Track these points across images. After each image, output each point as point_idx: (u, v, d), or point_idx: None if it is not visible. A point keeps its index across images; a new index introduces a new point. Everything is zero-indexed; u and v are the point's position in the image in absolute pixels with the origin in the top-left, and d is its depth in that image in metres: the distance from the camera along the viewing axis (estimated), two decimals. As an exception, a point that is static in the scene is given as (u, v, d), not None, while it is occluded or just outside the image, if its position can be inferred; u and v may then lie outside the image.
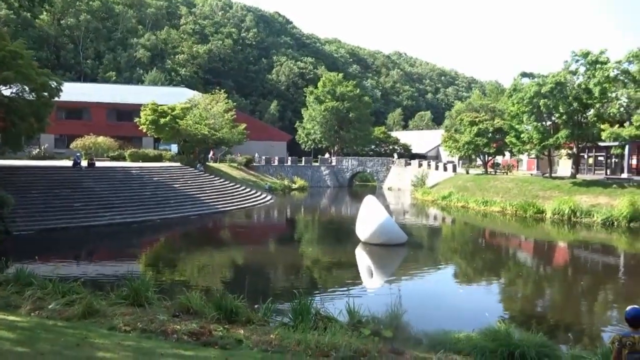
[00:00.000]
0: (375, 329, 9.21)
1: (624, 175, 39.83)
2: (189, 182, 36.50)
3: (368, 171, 65.59)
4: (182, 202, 32.32)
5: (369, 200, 22.50)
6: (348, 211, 38.32)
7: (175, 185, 34.52)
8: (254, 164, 56.79)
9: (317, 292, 14.63)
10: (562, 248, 25.52)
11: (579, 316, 13.88)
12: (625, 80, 35.40)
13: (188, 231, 28.02)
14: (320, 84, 75.29)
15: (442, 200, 42.51)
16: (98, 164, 34.61)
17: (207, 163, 47.04)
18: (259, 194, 42.11)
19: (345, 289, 14.93)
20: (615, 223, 29.37)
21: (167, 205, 30.72)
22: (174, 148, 48.69)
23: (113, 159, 43.26)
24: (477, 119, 47.74)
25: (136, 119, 46.93)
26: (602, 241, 26.01)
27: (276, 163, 60.39)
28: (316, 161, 66.99)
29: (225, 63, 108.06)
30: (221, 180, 41.11)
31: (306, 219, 36.51)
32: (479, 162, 52.49)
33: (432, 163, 58.17)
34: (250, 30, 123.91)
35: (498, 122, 46.29)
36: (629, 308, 5.36)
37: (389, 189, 60.34)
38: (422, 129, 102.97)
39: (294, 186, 55.51)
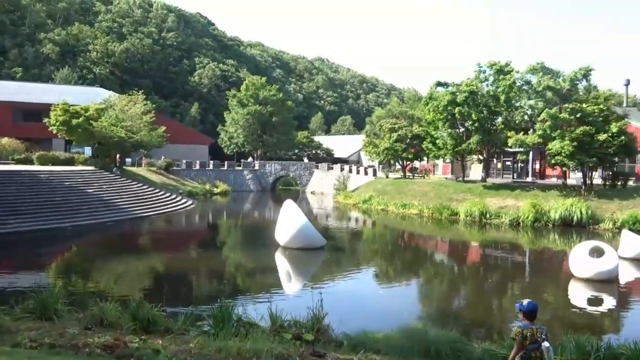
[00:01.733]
0: (297, 332, 9.26)
1: (529, 179, 42.92)
2: (104, 186, 34.83)
3: (291, 175, 65.81)
4: (96, 208, 30.75)
5: (288, 205, 22.63)
6: (271, 215, 38.23)
7: (89, 190, 32.80)
8: (174, 168, 55.22)
9: (239, 297, 14.49)
10: (475, 248, 26.98)
11: (490, 312, 14.72)
12: (529, 91, 38.22)
13: (103, 238, 26.71)
14: (243, 87, 74.70)
15: (363, 204, 43.54)
16: (1, 167, 32.17)
17: (124, 167, 45.13)
18: (179, 198, 40.98)
19: (267, 293, 14.89)
20: (521, 223, 31.54)
21: (79, 211, 29.09)
22: (88, 151, 46.25)
23: (19, 162, 40.29)
24: (396, 126, 49.44)
25: (45, 120, 44.08)
26: (510, 240, 27.79)
27: (197, 167, 59.07)
28: (239, 165, 66.28)
29: (144, 63, 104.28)
30: (139, 184, 39.59)
31: (228, 224, 36.03)
32: (398, 166, 54.31)
33: (354, 167, 59.39)
34: (171, 31, 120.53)
35: (416, 129, 48.18)
36: (525, 302, 5.77)
37: (312, 192, 60.87)
38: (344, 134, 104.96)
39: (216, 190, 54.56)
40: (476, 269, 21.39)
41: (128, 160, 49.95)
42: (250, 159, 70.93)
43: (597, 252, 17.31)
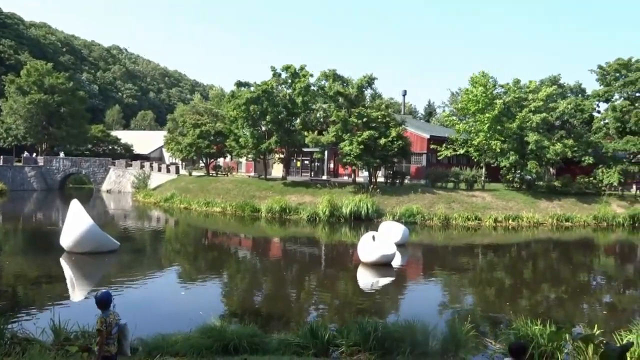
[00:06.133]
0: (84, 344, 8.57)
1: (324, 177, 46.29)
2: None
3: (84, 172, 60.30)
4: None
5: (73, 206, 20.73)
6: (58, 217, 34.48)
7: None
8: None
9: (15, 312, 12.76)
10: (276, 243, 28.11)
11: (288, 303, 15.48)
12: (323, 95, 41.27)
13: None
14: (24, 72, 65.99)
15: (165, 203, 42.07)
16: None
17: None
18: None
19: (49, 304, 13.39)
20: (318, 218, 33.85)
21: None
22: None
23: None
24: (199, 122, 48.78)
25: None
26: (308, 235, 29.63)
27: (-38, 163, 50.36)
28: (19, 161, 58.34)
29: None
30: None
31: (3, 229, 31.40)
32: (202, 164, 53.69)
33: (155, 164, 57.00)
34: None
35: (220, 126, 48.19)
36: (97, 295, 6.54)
37: (108, 191, 56.71)
38: (144, 129, 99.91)
39: (-12, 190, 47.28)
40: (276, 264, 22.30)
41: None
42: (33, 154, 62.91)
43: (378, 241, 19.65)
